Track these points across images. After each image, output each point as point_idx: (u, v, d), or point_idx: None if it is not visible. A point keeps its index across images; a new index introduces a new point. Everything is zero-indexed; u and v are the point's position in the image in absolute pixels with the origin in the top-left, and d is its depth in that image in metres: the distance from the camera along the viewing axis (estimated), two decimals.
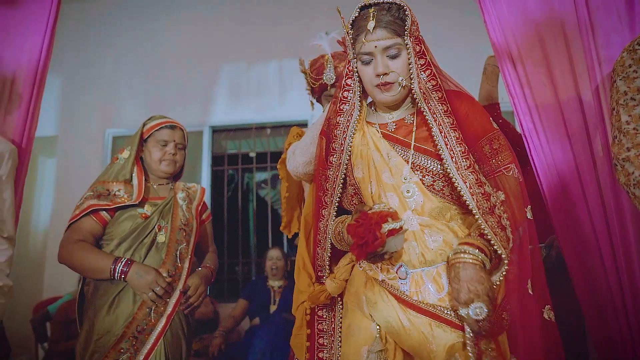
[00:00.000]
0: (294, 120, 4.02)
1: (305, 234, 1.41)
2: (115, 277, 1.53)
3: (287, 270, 3.33)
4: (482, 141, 1.17)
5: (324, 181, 1.29)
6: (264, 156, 4.11)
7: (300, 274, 1.34)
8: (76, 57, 4.10)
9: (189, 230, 1.73)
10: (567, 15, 1.47)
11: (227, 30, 4.07)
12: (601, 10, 1.44)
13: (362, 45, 1.17)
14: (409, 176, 1.17)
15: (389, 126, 1.26)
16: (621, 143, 1.16)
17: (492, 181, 1.15)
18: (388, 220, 1.04)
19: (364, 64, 1.20)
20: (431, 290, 1.11)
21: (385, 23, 1.15)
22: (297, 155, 1.57)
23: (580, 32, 1.45)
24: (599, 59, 1.43)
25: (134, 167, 1.73)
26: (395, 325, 1.11)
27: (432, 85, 1.18)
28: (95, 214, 1.62)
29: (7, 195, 1.62)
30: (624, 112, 1.18)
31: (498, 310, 1.06)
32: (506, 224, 1.07)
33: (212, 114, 3.97)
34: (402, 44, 1.17)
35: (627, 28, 1.42)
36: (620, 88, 1.20)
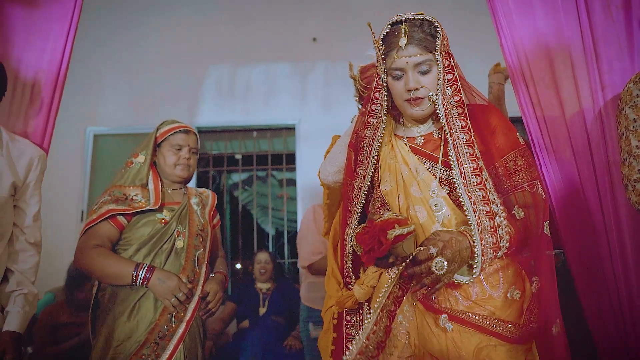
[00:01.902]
0: (281, 123, 4.06)
1: (334, 242, 1.44)
2: (137, 283, 1.52)
3: (275, 273, 3.35)
4: (506, 157, 1.19)
5: (351, 191, 1.32)
6: (250, 158, 4.11)
7: (329, 279, 1.37)
8: None
9: (205, 236, 1.74)
10: (574, 43, 1.59)
11: (214, 31, 4.04)
12: (604, 40, 1.57)
13: (393, 60, 1.20)
14: (437, 190, 1.19)
15: (417, 140, 1.28)
16: (631, 166, 1.26)
17: (513, 197, 1.18)
18: (394, 227, 1.07)
19: (394, 78, 1.22)
20: (459, 298, 1.14)
21: (417, 40, 1.17)
22: (327, 165, 1.60)
23: (585, 59, 1.57)
24: (602, 84, 1.56)
25: (149, 172, 1.71)
26: (424, 331, 1.14)
27: (455, 100, 1.21)
28: (113, 218, 1.60)
29: (35, 201, 1.57)
30: (633, 137, 1.28)
31: (526, 315, 1.12)
32: (504, 246, 1.11)
33: (198, 115, 3.93)
34: (433, 60, 1.19)
35: (627, 57, 1.55)
36: (629, 115, 1.30)
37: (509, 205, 1.17)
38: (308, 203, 3.74)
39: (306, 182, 3.85)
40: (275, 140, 4.21)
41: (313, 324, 2.46)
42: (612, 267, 1.51)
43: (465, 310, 1.12)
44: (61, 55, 1.69)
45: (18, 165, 1.53)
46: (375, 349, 1.14)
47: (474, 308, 1.12)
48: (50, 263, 2.50)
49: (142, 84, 3.93)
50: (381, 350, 1.15)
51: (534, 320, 1.14)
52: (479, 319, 1.11)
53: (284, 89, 4.01)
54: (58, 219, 3.41)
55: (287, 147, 4.16)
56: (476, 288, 1.14)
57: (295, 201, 4.07)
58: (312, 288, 2.52)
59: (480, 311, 1.12)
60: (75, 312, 2.67)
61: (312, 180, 3.74)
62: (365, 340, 1.13)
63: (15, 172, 1.52)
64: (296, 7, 4.10)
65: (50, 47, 1.69)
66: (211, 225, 1.82)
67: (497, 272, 1.16)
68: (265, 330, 3.00)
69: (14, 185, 1.51)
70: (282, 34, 4.05)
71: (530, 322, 1.13)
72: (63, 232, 3.47)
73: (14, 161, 1.52)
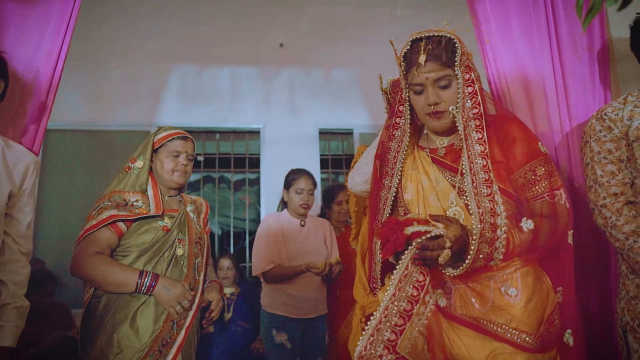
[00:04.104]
0: (245, 127, 4.06)
1: (363, 250, 1.49)
2: (141, 291, 1.50)
3: (238, 278, 3.36)
4: (525, 168, 1.21)
5: (378, 201, 1.35)
6: (212, 161, 4.06)
7: (357, 286, 1.43)
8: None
9: (203, 244, 1.74)
10: (547, 77, 1.79)
11: (179, 31, 3.95)
12: (572, 77, 1.79)
13: (414, 76, 1.24)
14: (455, 200, 1.21)
15: (439, 151, 1.32)
16: (597, 192, 1.38)
17: (534, 206, 1.19)
18: (413, 224, 1.10)
19: (416, 93, 1.26)
20: (475, 305, 1.16)
21: (436, 57, 1.21)
22: (355, 175, 1.66)
23: (556, 92, 1.78)
24: (570, 115, 1.78)
25: (148, 178, 1.69)
26: (441, 337, 1.15)
27: (474, 113, 1.22)
28: (112, 224, 1.56)
29: (29, 210, 1.49)
30: (598, 167, 1.39)
31: (545, 325, 1.14)
32: (497, 257, 1.11)
33: (160, 115, 3.82)
34: (453, 75, 1.22)
35: (590, 94, 1.79)
36: (594, 148, 1.42)
37: (528, 215, 1.18)
38: (271, 207, 3.79)
39: (270, 185, 3.89)
40: (237, 143, 4.19)
41: (275, 330, 2.50)
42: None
43: (480, 317, 1.14)
44: (57, 55, 1.61)
45: (15, 173, 1.45)
46: (399, 317, 1.12)
47: (489, 315, 1.14)
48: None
49: (101, 80, 3.75)
50: (407, 320, 1.13)
51: (553, 331, 1.15)
52: (493, 327, 1.12)
53: (249, 93, 4.01)
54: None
55: (250, 150, 4.17)
56: (493, 295, 1.16)
57: (256, 204, 4.09)
58: (272, 294, 2.56)
59: (497, 319, 1.13)
60: (32, 319, 2.51)
61: (275, 184, 3.79)
62: (385, 310, 1.12)
63: (12, 180, 1.44)
64: (264, 12, 4.11)
65: (45, 46, 1.61)
66: (206, 233, 1.83)
67: (516, 280, 1.17)
68: (232, 335, 3.01)
69: (10, 194, 1.43)
70: (249, 38, 4.05)
71: (549, 333, 1.14)
72: None
73: (10, 168, 1.44)
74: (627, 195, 1.35)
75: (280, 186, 2.78)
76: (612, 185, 1.36)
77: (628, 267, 1.36)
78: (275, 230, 2.57)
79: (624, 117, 1.38)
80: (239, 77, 4.02)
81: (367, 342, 1.10)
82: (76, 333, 2.65)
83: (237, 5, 4.09)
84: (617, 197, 1.34)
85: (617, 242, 1.31)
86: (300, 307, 2.52)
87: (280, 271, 2.48)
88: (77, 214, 3.53)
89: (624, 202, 1.33)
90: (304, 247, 2.58)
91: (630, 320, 1.32)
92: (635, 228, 1.28)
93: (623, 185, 1.35)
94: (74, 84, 3.75)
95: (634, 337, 1.30)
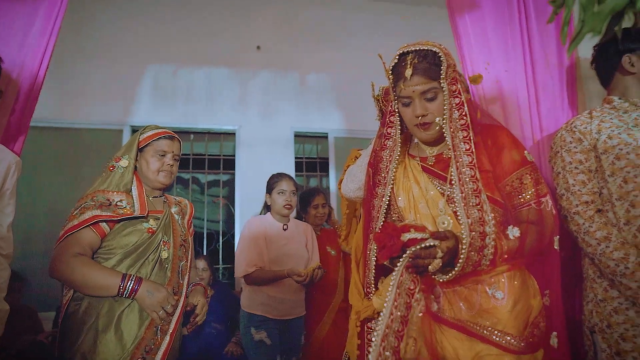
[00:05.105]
0: (220, 128, 4.03)
1: (357, 256, 1.50)
2: (123, 295, 1.46)
3: (213, 279, 3.33)
4: (513, 176, 1.23)
5: (371, 209, 1.38)
6: (186, 161, 4.01)
7: (352, 290, 1.44)
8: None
9: (187, 246, 1.72)
10: (521, 91, 1.90)
11: (154, 30, 3.89)
12: (544, 91, 1.91)
13: (401, 89, 1.27)
14: (445, 208, 1.24)
15: (429, 160, 1.34)
16: (569, 200, 1.45)
17: (520, 214, 1.22)
18: (410, 231, 1.12)
19: (404, 105, 1.29)
20: (463, 308, 1.19)
21: (422, 70, 1.23)
22: (348, 182, 1.70)
23: (529, 105, 1.90)
24: (541, 127, 1.89)
25: (133, 177, 1.66)
26: (431, 339, 1.17)
27: (461, 124, 1.25)
28: (95, 225, 1.51)
29: (10, 211, 1.45)
30: (569, 176, 1.47)
31: (529, 328, 1.17)
32: (484, 264, 1.14)
33: (133, 114, 3.74)
34: (439, 87, 1.24)
35: (559, 107, 1.91)
36: (566, 158, 1.49)
37: (515, 222, 1.21)
38: (246, 208, 3.78)
39: (244, 187, 3.88)
40: (211, 144, 4.16)
41: (254, 328, 2.53)
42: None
43: (467, 320, 1.17)
44: (42, 54, 1.58)
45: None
46: (400, 323, 1.15)
47: (476, 318, 1.17)
48: None
49: (71, 76, 3.62)
50: (405, 325, 1.16)
51: (538, 333, 1.18)
52: (480, 329, 1.15)
53: (225, 94, 3.99)
54: None
55: (224, 151, 4.14)
56: (481, 298, 1.18)
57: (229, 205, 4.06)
58: (251, 295, 2.59)
59: (483, 321, 1.16)
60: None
61: (250, 186, 3.80)
62: (390, 315, 1.14)
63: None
64: (241, 14, 4.11)
65: (30, 45, 1.57)
66: (190, 235, 1.81)
67: (503, 283, 1.20)
68: (206, 337, 2.99)
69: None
70: (226, 39, 4.03)
71: (533, 336, 1.17)
72: None
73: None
74: (596, 204, 1.44)
75: (255, 188, 2.80)
76: (584, 194, 1.44)
77: (595, 271, 1.45)
78: (258, 233, 2.59)
79: (593, 130, 1.48)
80: (214, 78, 3.98)
81: (380, 348, 1.12)
82: (45, 337, 2.56)
83: (214, 6, 4.06)
84: (588, 205, 1.43)
85: (590, 248, 1.40)
86: (278, 308, 2.54)
87: (262, 274, 2.51)
88: (44, 213, 3.43)
89: (594, 210, 1.42)
90: (285, 250, 2.60)
91: (599, 321, 1.40)
92: (607, 234, 1.37)
93: (593, 194, 1.44)
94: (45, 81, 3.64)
95: (602, 337, 1.39)
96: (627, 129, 1.46)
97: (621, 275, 1.33)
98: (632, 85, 1.54)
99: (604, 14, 0.64)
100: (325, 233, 3.05)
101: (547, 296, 1.25)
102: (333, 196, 4.04)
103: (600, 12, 0.65)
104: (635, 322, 1.32)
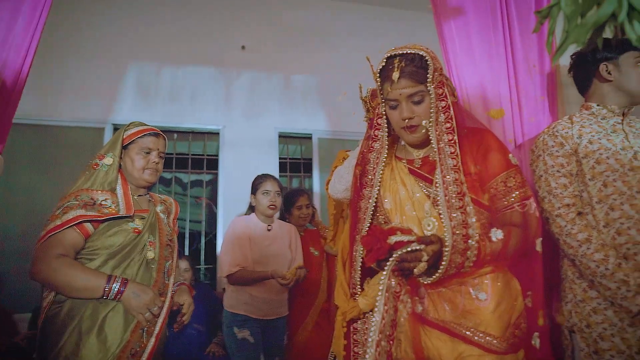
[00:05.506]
0: (204, 128, 4.00)
1: (343, 257, 1.51)
2: (108, 296, 1.43)
3: (194, 280, 3.31)
4: (498, 179, 1.25)
5: (358, 210, 1.39)
6: (169, 161, 3.97)
7: (338, 291, 1.45)
8: None
9: (173, 246, 1.70)
10: (504, 96, 1.94)
11: (139, 28, 3.83)
12: (526, 96, 1.95)
13: (389, 92, 1.28)
14: (430, 211, 1.25)
15: (416, 162, 1.36)
16: (551, 203, 1.49)
17: (504, 216, 1.23)
18: (397, 233, 1.14)
19: (391, 108, 1.31)
20: (447, 309, 1.21)
21: (408, 74, 1.24)
22: (336, 183, 1.71)
23: (511, 110, 1.94)
24: (523, 132, 1.94)
25: (118, 176, 1.63)
26: (416, 340, 1.20)
27: (447, 127, 1.26)
28: (79, 225, 1.48)
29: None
30: (552, 179, 1.50)
31: (510, 329, 1.19)
32: (467, 265, 1.16)
33: (116, 112, 3.68)
34: (425, 91, 1.25)
35: (541, 112, 1.96)
36: (548, 162, 1.53)
37: (499, 224, 1.22)
38: (229, 209, 3.76)
39: (228, 187, 3.86)
40: (195, 143, 4.12)
41: (237, 327, 2.53)
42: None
43: (451, 321, 1.19)
44: (26, 50, 1.54)
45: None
46: (390, 327, 1.17)
47: (460, 319, 1.19)
48: None
49: (50, 72, 3.54)
50: (395, 329, 1.18)
51: (519, 334, 1.19)
52: (463, 330, 1.17)
53: (209, 93, 3.96)
54: None
55: (207, 151, 4.11)
56: (464, 299, 1.20)
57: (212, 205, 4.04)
58: (234, 295, 2.60)
59: (467, 322, 1.18)
60: None
61: (234, 186, 3.78)
62: (382, 319, 1.16)
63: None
64: (227, 14, 4.08)
65: (14, 41, 1.53)
66: (175, 234, 1.79)
67: (487, 285, 1.22)
68: (187, 338, 2.96)
69: None
70: (211, 38, 4.01)
71: (514, 336, 1.19)
72: None
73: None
74: (577, 207, 1.48)
75: (239, 188, 2.81)
76: (565, 197, 1.48)
77: (575, 272, 1.50)
78: (242, 234, 2.59)
79: (574, 135, 1.52)
80: (199, 77, 3.95)
81: (375, 354, 1.13)
82: (21, 339, 2.50)
83: (199, 5, 4.03)
84: (570, 208, 1.47)
85: (571, 249, 1.44)
86: (261, 308, 2.55)
87: (246, 274, 2.52)
88: (22, 212, 3.35)
89: (576, 213, 1.47)
90: (269, 251, 2.61)
91: (578, 321, 1.45)
92: (587, 236, 1.41)
93: (574, 197, 1.49)
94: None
95: (581, 336, 1.43)
96: (606, 134, 1.51)
97: (601, 276, 1.37)
98: (609, 92, 1.58)
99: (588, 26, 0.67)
100: (309, 234, 3.06)
101: (529, 297, 1.27)
102: (317, 197, 4.05)
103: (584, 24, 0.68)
104: (613, 322, 1.37)
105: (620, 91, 1.56)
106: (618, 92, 1.57)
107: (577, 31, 0.68)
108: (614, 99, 1.58)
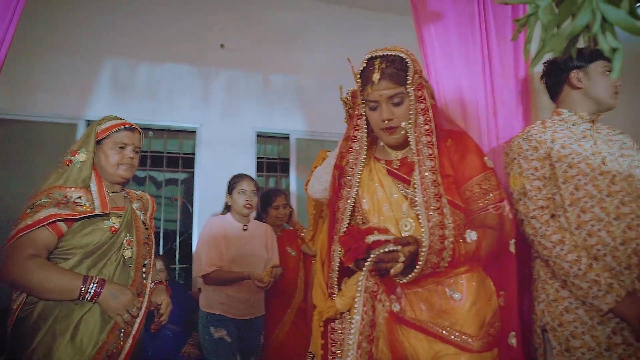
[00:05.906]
0: (180, 126, 3.95)
1: (322, 257, 1.51)
2: (85, 298, 1.39)
3: (169, 280, 3.26)
4: (473, 181, 1.27)
5: (336, 210, 1.40)
6: (144, 159, 3.90)
7: (316, 290, 1.46)
8: None
9: (151, 244, 1.66)
10: (481, 101, 1.99)
11: (115, 23, 3.74)
12: (502, 102, 2.01)
13: (369, 93, 1.29)
14: (408, 212, 1.27)
15: (394, 163, 1.37)
16: (526, 204, 1.52)
17: (479, 218, 1.26)
18: (374, 233, 1.15)
19: (371, 109, 1.31)
20: (423, 309, 1.23)
21: (389, 75, 1.25)
22: (315, 183, 1.71)
23: (487, 115, 1.99)
24: (497, 136, 1.99)
25: (92, 172, 1.57)
26: (393, 340, 1.23)
27: (425, 129, 1.27)
28: (51, 224, 1.42)
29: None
30: (526, 182, 1.53)
31: (485, 328, 1.22)
32: (443, 266, 1.18)
33: (89, 108, 3.58)
34: (405, 92, 1.27)
35: (515, 118, 2.02)
36: (523, 165, 1.56)
37: (473, 226, 1.25)
38: (204, 208, 3.73)
39: (204, 186, 3.82)
40: (170, 141, 4.06)
41: (214, 327, 2.52)
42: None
43: (427, 320, 1.21)
44: None
45: None
46: (370, 327, 1.19)
47: (436, 318, 1.21)
48: None
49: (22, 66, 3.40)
50: (374, 329, 1.20)
51: (493, 333, 1.22)
52: (439, 329, 1.19)
53: (186, 91, 3.90)
54: None
55: (183, 149, 4.06)
56: (440, 299, 1.23)
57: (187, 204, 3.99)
58: (210, 295, 2.58)
59: (443, 322, 1.20)
60: None
61: (210, 185, 3.74)
62: (362, 320, 1.17)
63: None
64: (206, 11, 4.03)
65: None
66: (152, 232, 1.76)
67: (461, 285, 1.24)
68: (162, 339, 2.92)
69: None
70: (190, 35, 3.95)
71: (488, 335, 1.21)
72: None
73: None
74: (551, 209, 1.53)
75: (215, 187, 2.79)
76: (539, 199, 1.52)
77: (547, 272, 1.54)
78: (218, 233, 2.57)
79: (547, 139, 1.57)
80: (176, 74, 3.88)
81: (357, 355, 1.14)
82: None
83: (179, 2, 3.97)
84: (544, 210, 1.52)
85: (545, 250, 1.48)
86: (238, 308, 2.55)
87: (222, 275, 2.51)
88: None
89: (549, 215, 1.51)
90: (244, 251, 2.60)
91: (551, 320, 1.49)
92: (561, 238, 1.46)
93: (548, 200, 1.53)
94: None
95: (554, 335, 1.47)
96: (577, 140, 1.57)
97: (574, 276, 1.42)
98: (579, 99, 1.64)
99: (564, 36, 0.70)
100: (286, 233, 3.06)
101: (502, 297, 1.30)
102: (293, 197, 4.05)
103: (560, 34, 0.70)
104: (584, 320, 1.42)
105: (589, 98, 1.62)
106: (587, 99, 1.63)
107: (554, 40, 0.71)
108: (583, 106, 1.64)
